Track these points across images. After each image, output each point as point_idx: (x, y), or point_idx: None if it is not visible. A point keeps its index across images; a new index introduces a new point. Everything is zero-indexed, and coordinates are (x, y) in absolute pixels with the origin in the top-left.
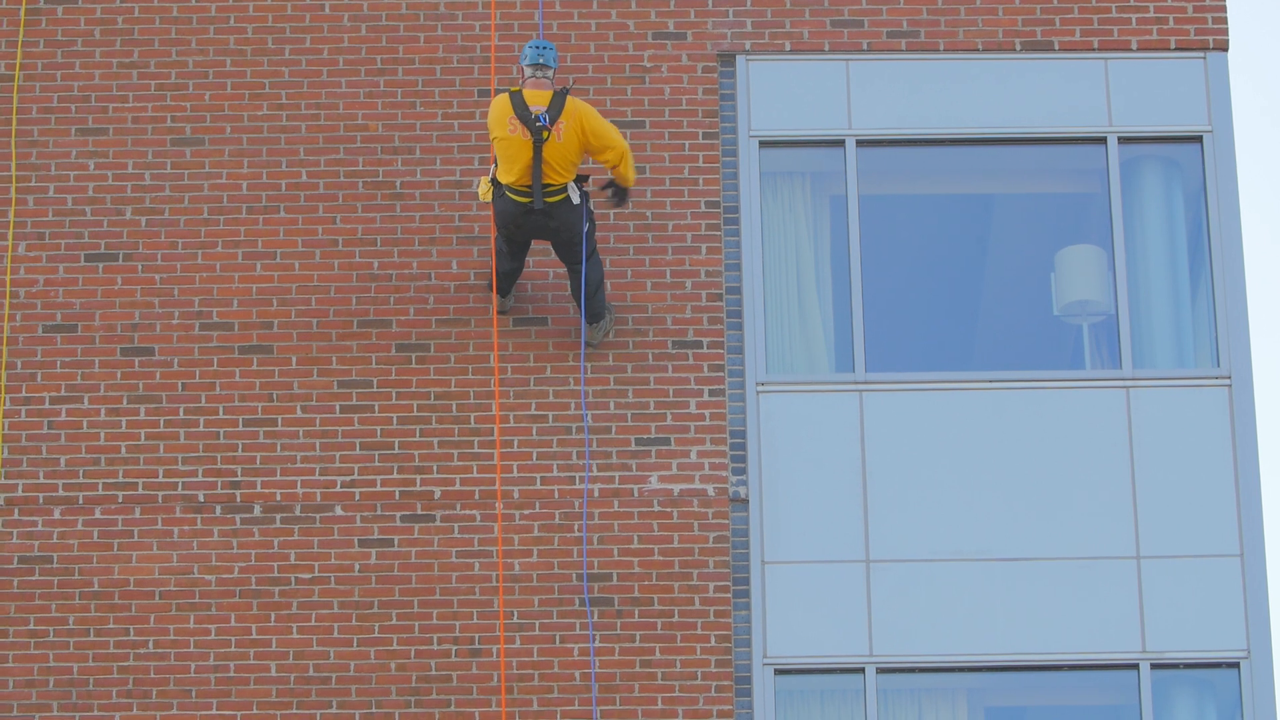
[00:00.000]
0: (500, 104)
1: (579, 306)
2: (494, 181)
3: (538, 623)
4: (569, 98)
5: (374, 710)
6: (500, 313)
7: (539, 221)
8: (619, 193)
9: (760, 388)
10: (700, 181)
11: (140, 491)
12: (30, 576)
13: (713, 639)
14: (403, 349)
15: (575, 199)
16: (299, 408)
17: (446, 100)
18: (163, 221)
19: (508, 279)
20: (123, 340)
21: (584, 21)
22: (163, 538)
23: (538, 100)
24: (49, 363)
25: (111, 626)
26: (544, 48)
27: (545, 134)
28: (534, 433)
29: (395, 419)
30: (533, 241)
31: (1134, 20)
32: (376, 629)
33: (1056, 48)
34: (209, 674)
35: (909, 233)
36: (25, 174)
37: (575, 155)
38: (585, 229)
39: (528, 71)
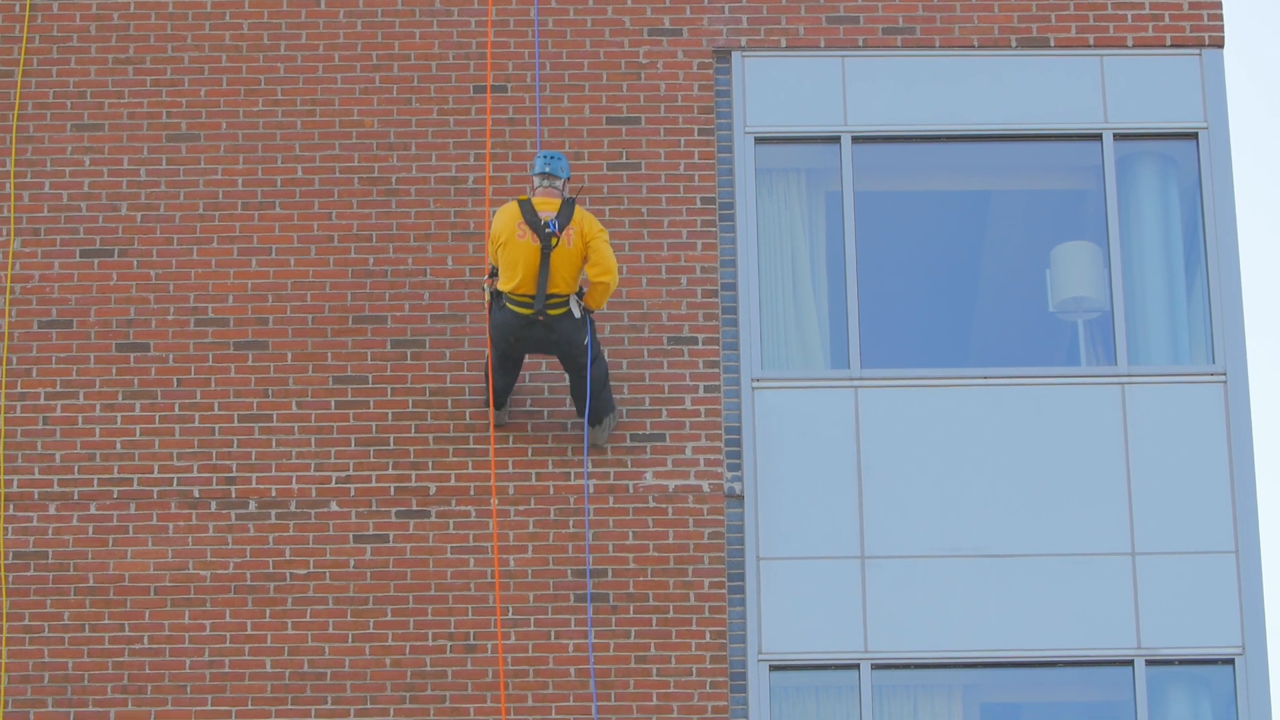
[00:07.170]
0: (509, 211)
1: (579, 409)
2: (492, 294)
3: (533, 618)
4: (576, 207)
5: (369, 706)
6: (498, 426)
7: (540, 334)
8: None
9: (756, 384)
10: (696, 177)
11: (135, 487)
12: (25, 572)
13: (708, 635)
14: (398, 345)
15: (577, 313)
16: (294, 403)
17: (442, 96)
18: (158, 217)
19: (502, 394)
20: (118, 336)
21: (579, 17)
22: (158, 533)
23: (547, 208)
24: (44, 358)
25: (106, 622)
26: (553, 158)
27: (554, 240)
28: (529, 428)
29: (390, 415)
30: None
31: (1129, 17)
32: (371, 625)
33: (1052, 44)
34: (204, 669)
35: (904, 229)
36: (21, 169)
37: (580, 265)
38: (587, 340)
39: (536, 181)
